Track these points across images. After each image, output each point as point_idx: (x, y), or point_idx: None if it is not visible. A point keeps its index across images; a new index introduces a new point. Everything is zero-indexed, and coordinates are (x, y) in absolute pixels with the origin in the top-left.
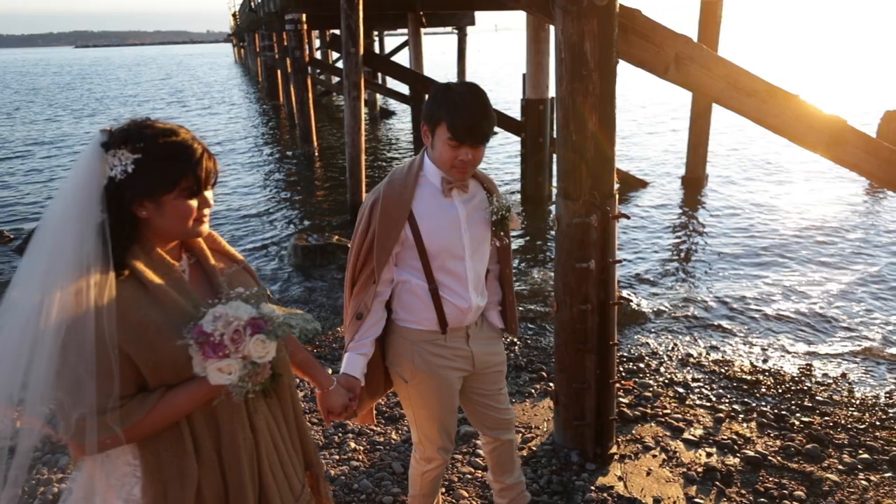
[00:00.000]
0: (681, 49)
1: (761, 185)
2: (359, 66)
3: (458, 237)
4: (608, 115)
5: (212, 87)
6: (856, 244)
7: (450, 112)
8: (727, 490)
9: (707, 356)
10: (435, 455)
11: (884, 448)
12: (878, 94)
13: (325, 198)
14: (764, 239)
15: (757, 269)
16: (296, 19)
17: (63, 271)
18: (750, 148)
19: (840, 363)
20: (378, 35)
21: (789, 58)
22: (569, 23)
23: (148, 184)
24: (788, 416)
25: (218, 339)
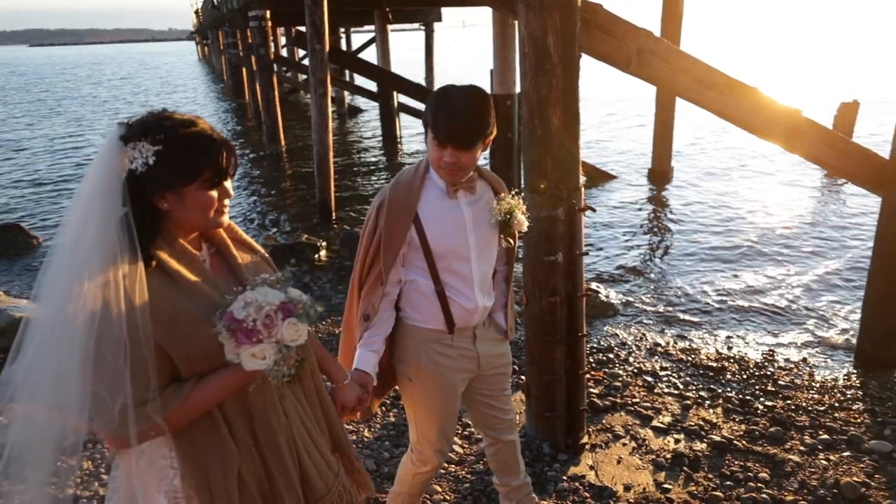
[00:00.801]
0: (642, 43)
1: (727, 178)
2: (325, 63)
3: (463, 239)
4: (572, 109)
5: (175, 86)
6: (816, 237)
7: (436, 113)
8: (695, 475)
9: (674, 345)
10: (431, 457)
11: (842, 428)
12: (834, 86)
13: (293, 197)
14: (729, 231)
15: (722, 260)
16: (260, 16)
17: (90, 266)
18: (715, 141)
19: (801, 349)
20: (345, 32)
21: (750, 51)
22: (531, 17)
23: (169, 175)
24: (753, 401)
25: (251, 324)
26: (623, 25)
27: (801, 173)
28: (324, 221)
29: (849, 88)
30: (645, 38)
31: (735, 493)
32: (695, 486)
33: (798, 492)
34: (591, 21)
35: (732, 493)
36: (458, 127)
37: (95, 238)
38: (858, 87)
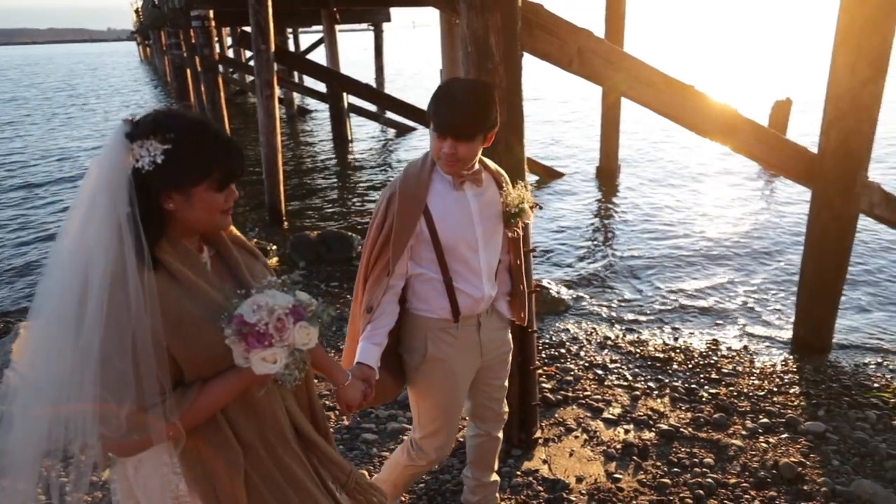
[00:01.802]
0: (583, 43)
1: (673, 175)
2: (270, 64)
3: (471, 230)
4: (516, 108)
5: (117, 88)
6: (756, 231)
7: (437, 105)
8: (644, 463)
9: (623, 338)
10: (430, 453)
11: (780, 412)
12: (770, 84)
13: (242, 200)
14: (675, 227)
15: (668, 255)
16: (202, 15)
17: (95, 267)
18: (663, 139)
19: (742, 338)
20: (293, 32)
21: (691, 50)
22: (473, 17)
23: (178, 175)
24: (698, 389)
25: (263, 328)
26: (564, 25)
27: (743, 170)
28: (274, 225)
29: (783, 86)
30: (586, 38)
31: (682, 479)
32: (644, 474)
33: (740, 474)
34: (532, 21)
35: (679, 479)
36: (457, 118)
37: (99, 238)
38: (792, 85)
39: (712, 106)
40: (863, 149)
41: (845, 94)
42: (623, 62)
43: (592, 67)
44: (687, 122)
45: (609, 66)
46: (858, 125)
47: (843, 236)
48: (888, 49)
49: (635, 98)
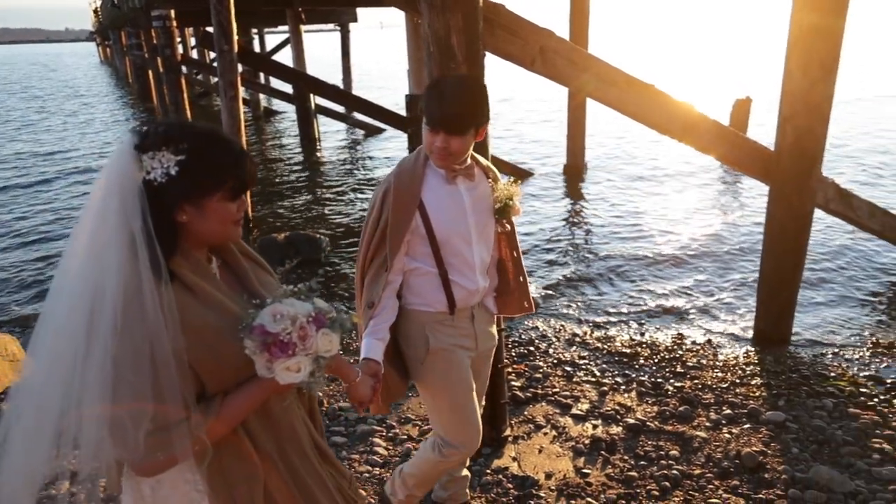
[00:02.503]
0: (545, 42)
1: (640, 173)
2: (234, 65)
3: (464, 223)
4: None
5: (76, 89)
6: (721, 227)
7: (429, 99)
8: (611, 457)
9: (591, 335)
10: (460, 447)
11: (742, 403)
12: (732, 82)
13: None
14: (642, 224)
15: (636, 252)
16: (163, 15)
17: (106, 285)
18: (630, 138)
19: (706, 332)
20: (258, 33)
21: (655, 50)
22: (434, 17)
23: (192, 186)
24: (663, 383)
25: (286, 337)
26: (526, 25)
27: (709, 168)
28: (242, 228)
29: (745, 85)
30: (548, 38)
31: (649, 471)
32: (612, 468)
33: (704, 465)
34: (494, 21)
35: (646, 471)
36: (449, 112)
37: (111, 254)
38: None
39: (673, 104)
40: (816, 146)
41: (798, 93)
42: (585, 62)
43: (555, 67)
44: (649, 120)
45: (571, 66)
46: (811, 124)
47: (800, 231)
48: (837, 51)
49: (598, 97)
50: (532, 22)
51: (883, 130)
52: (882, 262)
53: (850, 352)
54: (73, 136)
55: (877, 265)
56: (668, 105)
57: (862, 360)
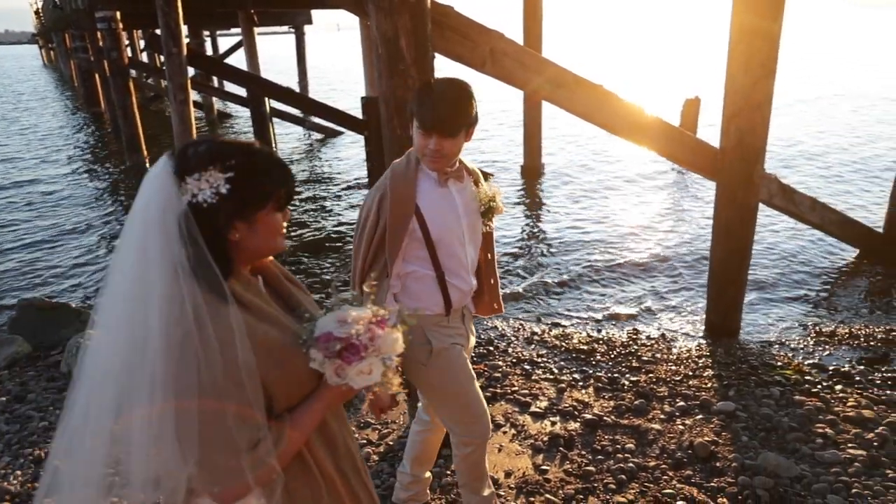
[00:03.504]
0: (495, 44)
1: (595, 172)
2: (183, 68)
3: (458, 224)
4: None
5: (16, 95)
6: (675, 222)
7: (421, 103)
8: (569, 453)
9: (549, 332)
10: (474, 429)
11: (695, 394)
12: (683, 82)
13: None
14: (599, 223)
15: (591, 250)
16: (108, 17)
17: (166, 318)
18: (586, 139)
19: (661, 326)
20: (210, 35)
21: (609, 52)
22: (382, 19)
23: (244, 202)
24: (619, 378)
25: (357, 341)
26: (476, 27)
27: (663, 167)
28: None
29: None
30: (497, 40)
31: (605, 465)
32: (570, 463)
33: (659, 457)
34: (443, 23)
35: (603, 465)
36: (442, 115)
37: (158, 288)
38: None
39: (621, 104)
40: (758, 143)
41: (740, 93)
42: (534, 63)
43: (505, 69)
44: (597, 120)
45: (521, 68)
46: (753, 122)
47: (745, 225)
48: (775, 51)
49: (548, 98)
50: (482, 24)
51: (823, 131)
52: (823, 254)
53: (796, 341)
54: (14, 143)
55: (818, 257)
56: (616, 105)
57: (806, 349)
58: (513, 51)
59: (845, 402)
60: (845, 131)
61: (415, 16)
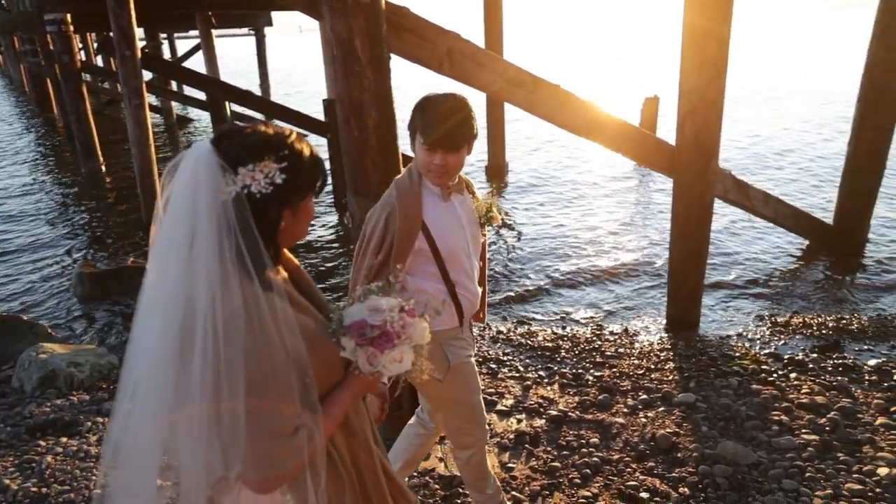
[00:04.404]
0: (452, 45)
1: (559, 171)
2: (137, 71)
3: (463, 237)
4: (387, 110)
5: None
6: (637, 219)
7: (425, 119)
8: (535, 450)
9: (515, 331)
10: (475, 436)
11: (657, 387)
12: (643, 81)
13: (119, 219)
14: (563, 222)
15: (556, 248)
16: (58, 20)
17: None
18: (549, 140)
19: (623, 321)
20: (167, 38)
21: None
22: (336, 20)
23: (296, 191)
24: (584, 374)
25: (390, 329)
26: (432, 28)
27: (623, 168)
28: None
29: (653, 84)
30: (454, 40)
31: (571, 460)
32: (536, 460)
33: (623, 450)
34: (399, 24)
35: (568, 460)
36: (446, 131)
37: (213, 275)
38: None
39: (579, 104)
40: (712, 140)
41: (694, 90)
42: (492, 64)
43: (463, 69)
44: (556, 119)
45: (479, 68)
46: (707, 119)
47: (702, 220)
48: (726, 51)
49: (506, 98)
50: (438, 25)
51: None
52: (777, 246)
53: (753, 332)
54: None
55: (773, 250)
56: (574, 105)
57: (763, 339)
58: (470, 51)
59: (799, 390)
60: (811, 128)
61: (369, 17)
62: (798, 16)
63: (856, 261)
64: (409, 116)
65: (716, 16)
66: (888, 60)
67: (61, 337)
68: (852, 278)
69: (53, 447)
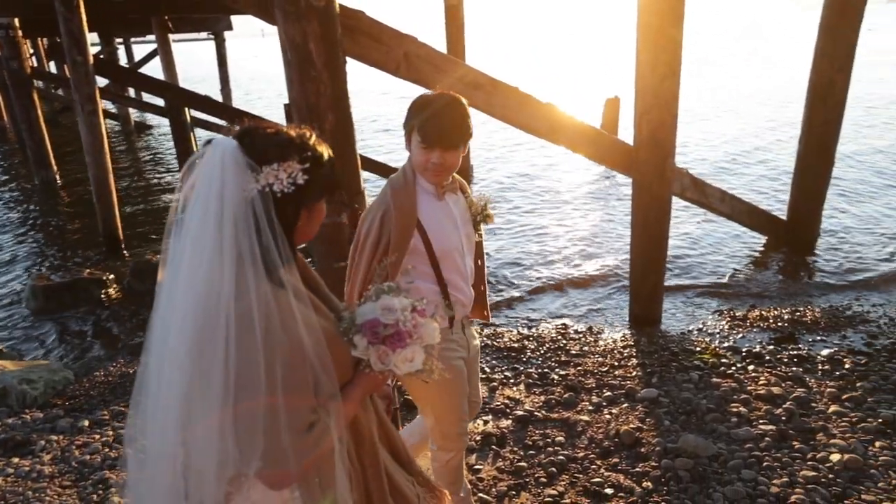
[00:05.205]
0: (409, 48)
1: (522, 170)
2: (90, 77)
3: (457, 236)
4: (345, 114)
5: None
6: (601, 220)
7: (424, 118)
8: (502, 451)
9: (481, 332)
10: (457, 440)
11: (621, 384)
12: (605, 82)
13: (74, 229)
14: (528, 224)
15: (521, 247)
16: (5, 24)
17: (236, 299)
18: (512, 143)
19: (588, 320)
20: (124, 43)
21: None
22: (290, 24)
23: (315, 191)
24: (549, 373)
25: (403, 327)
26: (388, 31)
27: (587, 169)
28: (111, 253)
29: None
30: (411, 44)
31: (537, 459)
32: (502, 461)
33: (588, 447)
34: (355, 27)
35: (535, 460)
36: (446, 128)
37: (234, 273)
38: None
39: (538, 106)
40: (669, 138)
41: (649, 90)
42: (450, 66)
43: (420, 72)
44: (515, 121)
45: (437, 71)
46: (662, 117)
47: (661, 217)
48: (679, 51)
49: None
50: (394, 28)
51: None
52: (734, 242)
53: (712, 326)
54: None
55: (730, 245)
56: (533, 106)
57: (722, 333)
58: (427, 54)
59: (757, 381)
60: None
61: (324, 21)
62: (771, 16)
63: (809, 254)
64: (406, 114)
65: (668, 16)
66: (833, 56)
67: (13, 353)
68: (806, 271)
69: (4, 468)
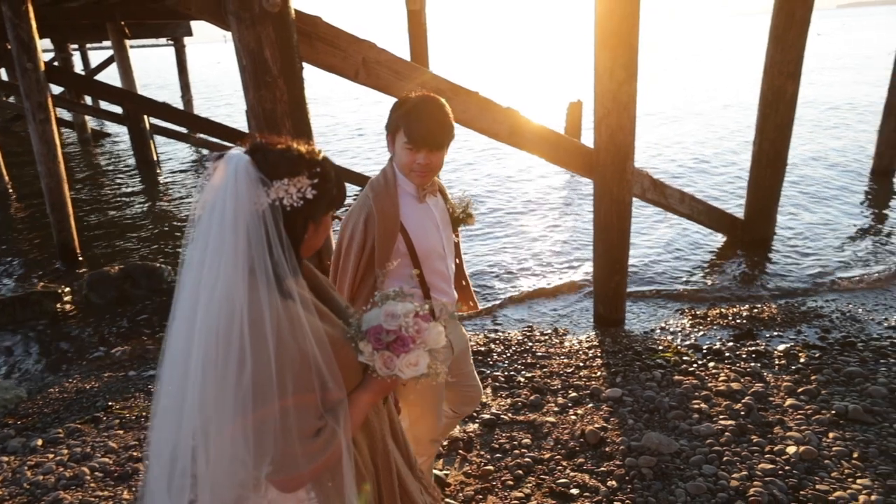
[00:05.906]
0: (367, 54)
1: (491, 183)
2: (42, 85)
3: (438, 238)
4: (302, 120)
5: None
6: (567, 223)
7: (406, 118)
8: (469, 455)
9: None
10: (428, 447)
11: (586, 384)
12: (567, 87)
13: (28, 241)
14: (495, 232)
15: (487, 251)
16: None
17: (249, 311)
18: (482, 147)
19: (553, 321)
20: (80, 49)
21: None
22: (244, 30)
23: (322, 206)
24: (516, 376)
25: (406, 333)
26: (346, 37)
27: (553, 176)
28: (68, 265)
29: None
30: (369, 49)
31: (504, 462)
32: (469, 465)
33: (554, 448)
34: (312, 33)
35: (501, 463)
36: (432, 129)
37: (247, 284)
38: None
39: (498, 110)
40: (628, 140)
41: (607, 94)
42: (409, 71)
43: (379, 78)
44: (476, 126)
45: (396, 76)
46: (621, 121)
47: (622, 219)
48: (635, 56)
49: None
50: (352, 34)
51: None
52: (694, 241)
53: (674, 325)
54: None
55: (690, 244)
56: (493, 111)
57: (683, 332)
58: (385, 59)
59: (717, 378)
60: (727, 133)
61: (279, 27)
62: (703, 22)
63: (766, 253)
64: (388, 117)
65: (625, 22)
66: (783, 62)
67: None
68: (763, 270)
69: None
